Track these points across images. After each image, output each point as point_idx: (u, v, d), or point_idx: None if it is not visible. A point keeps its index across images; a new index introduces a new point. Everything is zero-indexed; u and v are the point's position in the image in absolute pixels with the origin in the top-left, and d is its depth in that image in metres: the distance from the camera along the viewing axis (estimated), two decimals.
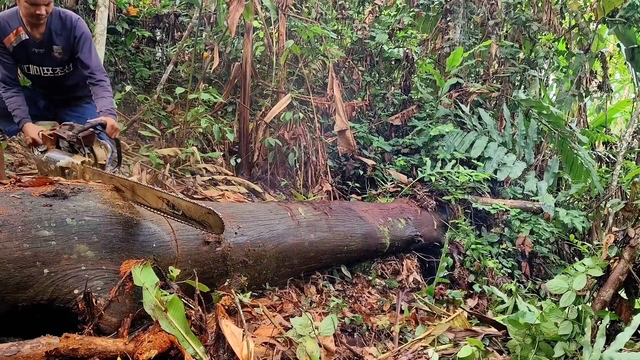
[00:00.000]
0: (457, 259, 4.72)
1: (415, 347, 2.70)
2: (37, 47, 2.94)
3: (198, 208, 2.08)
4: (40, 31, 2.90)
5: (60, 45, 2.98)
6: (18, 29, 2.87)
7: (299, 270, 3.43)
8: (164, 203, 2.14)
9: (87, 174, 2.47)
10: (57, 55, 3.00)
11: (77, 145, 2.60)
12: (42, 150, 2.65)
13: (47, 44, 2.95)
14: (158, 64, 6.64)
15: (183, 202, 2.11)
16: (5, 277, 1.73)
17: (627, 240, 2.48)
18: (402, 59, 6.56)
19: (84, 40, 3.01)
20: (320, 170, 5.46)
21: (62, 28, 2.95)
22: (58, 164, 2.53)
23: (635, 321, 2.26)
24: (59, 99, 3.27)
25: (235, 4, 4.85)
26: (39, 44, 2.94)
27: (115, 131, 2.87)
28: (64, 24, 2.95)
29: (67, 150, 2.62)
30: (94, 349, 1.71)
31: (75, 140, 2.58)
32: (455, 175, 5.18)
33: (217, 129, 5.16)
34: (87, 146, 2.63)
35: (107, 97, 3.01)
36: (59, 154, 2.59)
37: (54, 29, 2.93)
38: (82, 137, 2.59)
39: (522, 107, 6.36)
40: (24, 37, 2.89)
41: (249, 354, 1.86)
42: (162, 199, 2.14)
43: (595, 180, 5.90)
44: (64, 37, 2.97)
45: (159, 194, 2.15)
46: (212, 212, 2.04)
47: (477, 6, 6.95)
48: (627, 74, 10.30)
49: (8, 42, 2.89)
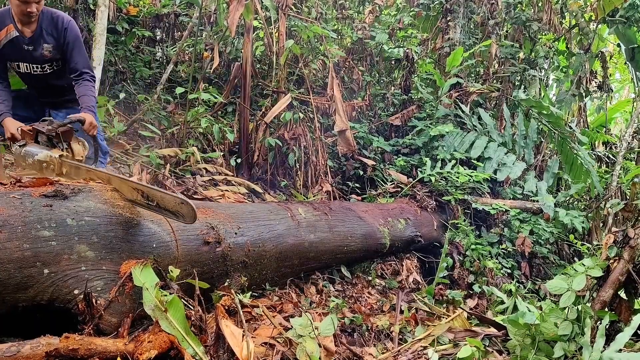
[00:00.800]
0: (457, 259, 4.72)
1: (415, 348, 2.70)
2: (27, 44, 3.00)
3: (171, 198, 2.11)
4: (31, 29, 2.97)
5: (50, 44, 3.04)
6: (9, 26, 2.94)
7: (299, 270, 3.43)
8: (139, 194, 2.18)
9: (64, 167, 2.51)
10: (47, 54, 3.05)
11: (56, 140, 2.64)
12: (21, 144, 2.68)
13: (37, 42, 3.01)
14: (158, 63, 6.64)
15: (157, 192, 2.14)
16: (6, 278, 1.73)
17: (627, 240, 2.48)
18: (402, 58, 6.57)
19: (75, 43, 3.09)
20: (320, 171, 5.46)
21: (53, 28, 3.02)
22: (36, 157, 2.55)
23: (635, 321, 2.26)
24: (50, 101, 3.32)
25: (235, 3, 4.85)
26: (29, 41, 2.99)
27: (94, 128, 2.93)
28: (55, 25, 3.02)
29: (45, 144, 2.65)
30: (94, 349, 1.71)
31: (54, 135, 2.62)
32: (455, 176, 5.18)
33: (217, 129, 5.16)
34: (65, 141, 2.67)
35: (89, 95, 3.08)
36: (37, 148, 2.62)
37: (44, 28, 3.00)
38: (60, 132, 2.64)
39: (522, 107, 6.36)
40: (14, 34, 2.95)
41: (248, 354, 1.86)
42: (136, 190, 2.18)
43: (595, 180, 5.90)
44: (54, 37, 3.04)
45: (134, 185, 2.19)
46: (185, 202, 2.08)
47: (478, 6, 6.95)
48: (627, 74, 10.30)
49: None
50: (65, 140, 2.67)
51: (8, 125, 2.90)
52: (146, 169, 4.48)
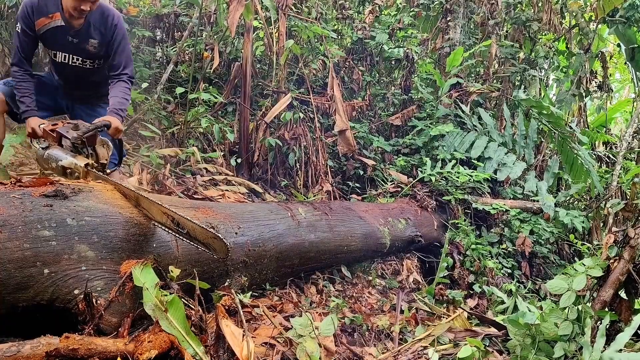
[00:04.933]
0: (457, 259, 4.72)
1: (415, 347, 2.70)
2: (73, 36, 2.87)
3: (204, 231, 2.04)
4: (79, 21, 2.83)
5: (97, 40, 2.91)
6: (55, 14, 2.79)
7: (299, 270, 3.43)
8: (169, 219, 2.10)
9: (90, 176, 2.44)
10: (92, 49, 2.92)
11: (80, 145, 2.56)
12: (44, 146, 2.60)
13: (84, 36, 2.87)
14: (158, 63, 6.63)
15: (189, 222, 2.06)
16: (6, 278, 1.73)
17: (627, 240, 2.48)
18: (402, 58, 6.57)
19: (122, 41, 2.97)
20: (320, 170, 5.46)
21: (101, 24, 2.89)
22: (60, 163, 2.49)
23: (635, 321, 2.26)
24: (78, 94, 3.19)
25: (235, 3, 4.85)
26: (75, 33, 2.86)
27: (119, 133, 2.83)
28: (104, 21, 2.89)
29: (70, 149, 2.57)
30: (94, 349, 1.71)
31: (80, 143, 2.55)
32: (455, 176, 5.18)
33: (218, 129, 5.16)
34: (90, 146, 2.60)
35: (122, 98, 2.95)
36: (61, 152, 2.54)
37: (93, 22, 2.87)
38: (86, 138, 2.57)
39: (522, 107, 6.36)
40: (60, 23, 2.81)
41: (249, 354, 1.86)
42: (167, 215, 2.10)
43: (595, 180, 5.90)
44: (102, 33, 2.90)
45: (164, 210, 2.09)
46: (218, 238, 2.01)
47: (478, 6, 6.96)
48: (627, 74, 10.30)
49: (40, 24, 2.80)
50: (90, 145, 2.59)
51: (31, 122, 2.81)
52: (146, 168, 4.48)
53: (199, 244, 2.12)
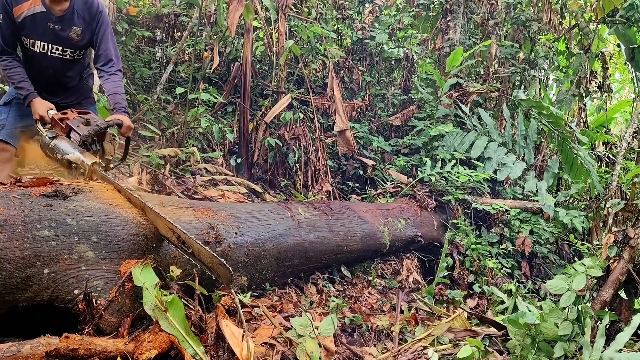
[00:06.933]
0: (457, 259, 4.72)
1: (415, 347, 2.70)
2: (55, 23, 2.78)
3: (210, 255, 2.03)
4: (61, 7, 2.76)
5: (80, 27, 2.84)
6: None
7: (299, 270, 3.43)
8: (174, 235, 2.09)
9: (94, 175, 2.42)
10: (74, 37, 2.85)
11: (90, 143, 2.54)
12: (51, 135, 2.56)
13: (67, 23, 2.80)
14: (158, 64, 6.63)
15: (195, 244, 2.05)
16: (6, 277, 1.73)
17: (627, 240, 2.48)
18: (402, 59, 6.58)
19: (107, 29, 2.91)
20: (320, 171, 5.46)
21: (85, 11, 2.83)
22: (66, 156, 2.46)
23: (635, 321, 2.27)
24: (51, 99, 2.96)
25: (235, 3, 4.85)
26: (57, 20, 2.77)
27: (130, 130, 2.80)
28: (89, 8, 2.84)
29: (78, 143, 2.53)
30: (94, 349, 1.71)
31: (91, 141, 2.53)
32: (455, 176, 5.18)
33: (217, 129, 5.16)
34: (98, 142, 2.58)
35: (120, 93, 2.91)
36: (69, 146, 2.50)
37: (77, 9, 2.80)
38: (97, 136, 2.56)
39: (522, 107, 6.36)
40: (40, 9, 2.71)
41: (249, 354, 1.86)
42: (172, 230, 2.08)
43: (595, 180, 5.90)
44: (85, 20, 2.85)
45: (170, 226, 2.07)
46: (223, 265, 2.00)
47: (477, 6, 6.96)
48: (627, 74, 10.30)
49: (18, 11, 2.70)
50: (99, 141, 2.58)
51: (37, 106, 2.73)
52: (146, 169, 4.48)
53: (203, 266, 2.10)
